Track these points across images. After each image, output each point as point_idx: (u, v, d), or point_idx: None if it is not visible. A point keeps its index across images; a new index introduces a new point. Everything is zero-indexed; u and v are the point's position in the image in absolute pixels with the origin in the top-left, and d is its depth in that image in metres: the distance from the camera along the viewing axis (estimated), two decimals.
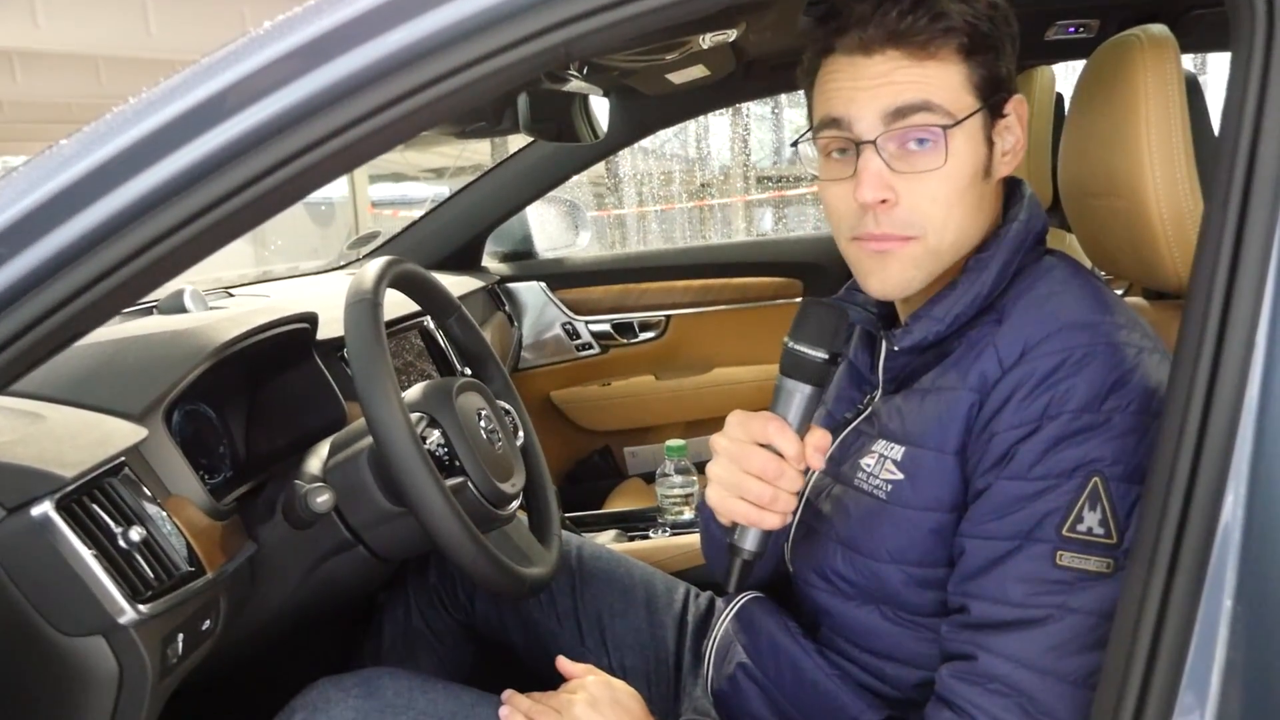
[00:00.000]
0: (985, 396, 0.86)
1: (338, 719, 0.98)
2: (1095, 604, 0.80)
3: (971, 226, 0.92)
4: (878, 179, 0.87)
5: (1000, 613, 0.83)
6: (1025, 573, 0.82)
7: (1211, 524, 0.68)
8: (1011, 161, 0.92)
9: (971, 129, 0.88)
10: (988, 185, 0.91)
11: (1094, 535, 0.80)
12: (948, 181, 0.88)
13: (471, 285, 2.19)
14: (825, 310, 0.88)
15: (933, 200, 0.88)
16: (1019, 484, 0.83)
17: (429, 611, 1.39)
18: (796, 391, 0.87)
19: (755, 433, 0.87)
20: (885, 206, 0.88)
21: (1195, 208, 0.93)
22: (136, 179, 0.76)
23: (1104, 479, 0.80)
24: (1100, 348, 0.83)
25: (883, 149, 0.87)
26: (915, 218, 0.89)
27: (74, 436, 0.92)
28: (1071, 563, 0.80)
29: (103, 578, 0.85)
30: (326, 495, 1.08)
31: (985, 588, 0.84)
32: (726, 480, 0.88)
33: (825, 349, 0.86)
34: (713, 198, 8.54)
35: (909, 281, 0.92)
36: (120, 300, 0.82)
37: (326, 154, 0.75)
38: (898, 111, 0.86)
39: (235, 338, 1.14)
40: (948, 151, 0.86)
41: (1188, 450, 0.70)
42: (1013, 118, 0.91)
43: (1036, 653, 0.81)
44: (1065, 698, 0.80)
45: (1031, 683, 0.81)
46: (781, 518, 0.88)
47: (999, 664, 0.82)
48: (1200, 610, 0.68)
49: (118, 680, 0.88)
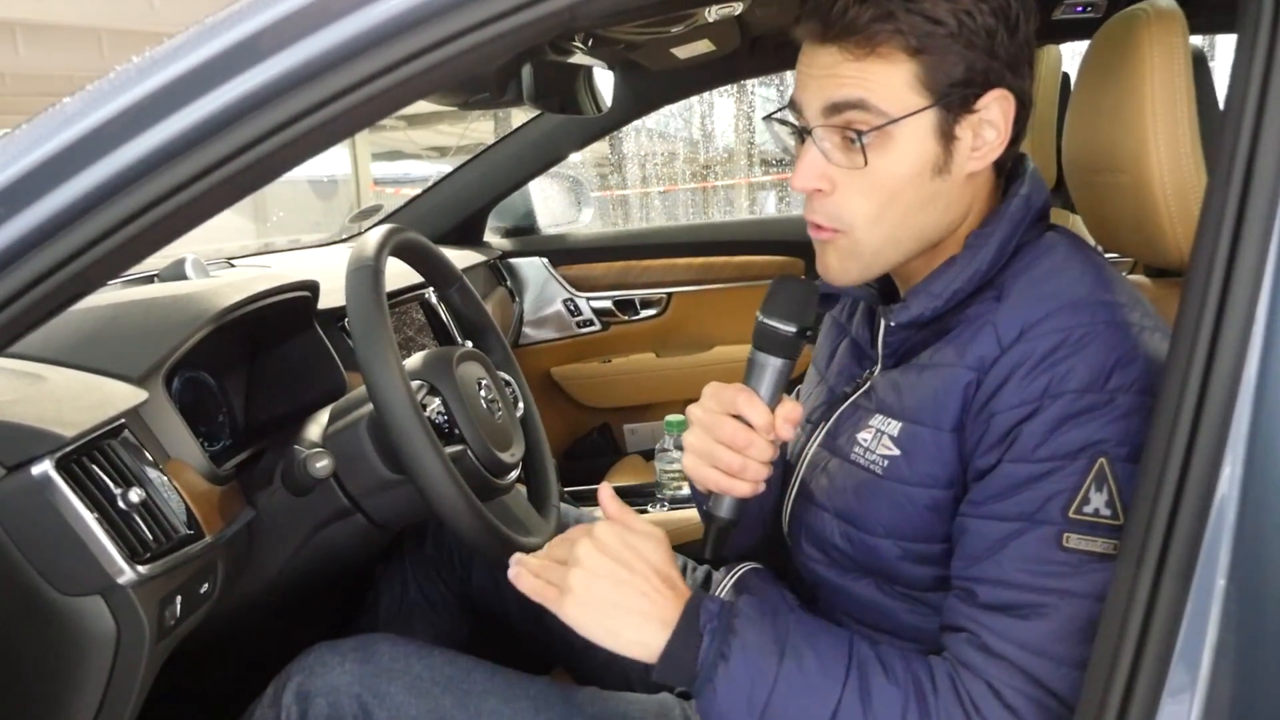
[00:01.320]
0: (984, 375, 0.86)
1: (334, 683, 0.98)
2: (1102, 586, 0.78)
3: (916, 224, 0.90)
4: (810, 168, 0.88)
5: (1006, 596, 0.82)
6: (1031, 555, 0.81)
7: (1206, 502, 0.68)
8: (986, 156, 0.89)
9: (916, 128, 0.86)
10: (943, 182, 0.89)
11: (1100, 517, 0.80)
12: (878, 181, 0.87)
13: (473, 259, 2.18)
14: (795, 285, 0.91)
15: (862, 196, 0.88)
16: (1024, 466, 0.82)
17: (426, 582, 1.40)
18: (768, 365, 0.91)
19: (726, 403, 0.90)
20: (819, 196, 0.89)
21: (1199, 183, 0.93)
22: (138, 139, 0.76)
23: (1110, 460, 0.80)
24: (1100, 327, 0.82)
25: (822, 140, 0.87)
26: (842, 212, 0.89)
27: (74, 398, 0.93)
28: (1078, 545, 0.80)
29: (101, 537, 0.86)
30: (325, 461, 1.08)
31: (990, 571, 0.83)
32: (699, 449, 0.91)
33: (795, 323, 0.89)
34: (716, 179, 8.52)
35: (844, 271, 0.93)
36: (121, 261, 0.82)
37: (331, 115, 0.75)
38: (834, 106, 0.86)
39: (236, 303, 1.14)
40: (870, 152, 0.86)
41: (1184, 426, 0.69)
42: (994, 111, 0.87)
43: (1047, 641, 0.80)
44: (1073, 680, 0.80)
45: (1041, 668, 0.80)
46: (752, 486, 0.91)
47: (1006, 647, 0.81)
48: (1193, 589, 0.68)
49: (115, 640, 0.88)
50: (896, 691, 0.82)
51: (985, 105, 0.87)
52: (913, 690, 0.82)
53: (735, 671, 0.82)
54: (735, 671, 0.82)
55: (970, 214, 0.93)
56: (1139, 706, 0.69)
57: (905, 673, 0.84)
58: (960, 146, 0.88)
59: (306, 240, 2.33)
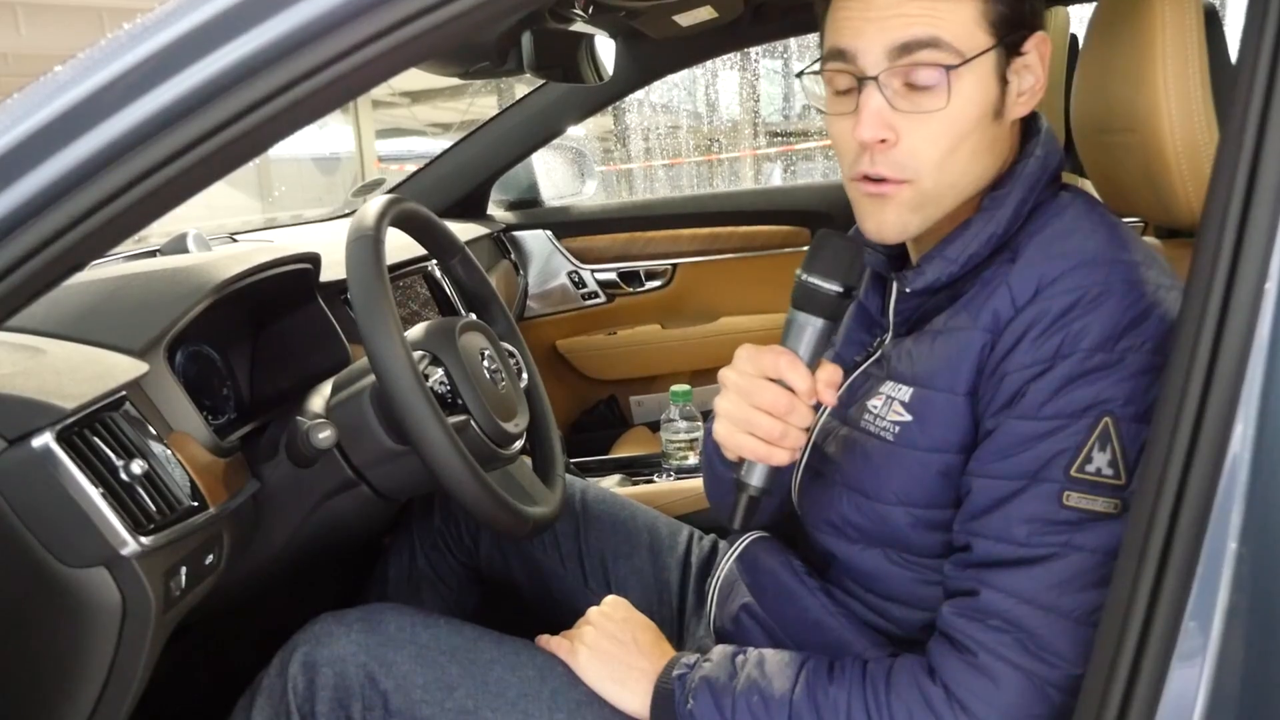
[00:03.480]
0: (998, 336, 0.85)
1: (340, 652, 0.98)
2: (1101, 542, 0.79)
3: (975, 170, 0.89)
4: (877, 117, 0.85)
5: (1004, 550, 0.82)
6: (1031, 512, 0.81)
7: (1218, 464, 0.68)
8: (1029, 102, 0.89)
9: (982, 69, 0.85)
10: (998, 127, 0.88)
11: (1103, 476, 0.79)
12: (951, 124, 0.85)
13: (476, 232, 2.17)
14: (841, 242, 0.87)
15: (932, 143, 0.85)
16: (1029, 424, 0.81)
17: (433, 554, 1.40)
18: (808, 325, 0.86)
19: (765, 367, 0.86)
20: (884, 146, 0.86)
21: (1211, 140, 0.91)
22: (133, 106, 0.75)
23: (1115, 419, 0.79)
24: (1116, 285, 0.81)
25: (885, 86, 0.84)
26: (912, 160, 0.86)
27: (74, 370, 0.92)
28: (1079, 503, 0.79)
29: (104, 509, 0.85)
30: (328, 431, 1.07)
31: (990, 526, 0.83)
32: (735, 415, 0.87)
33: (839, 281, 0.85)
34: (721, 152, 8.47)
35: (905, 226, 0.90)
36: (117, 232, 0.81)
37: (330, 79, 0.74)
38: (904, 47, 0.83)
39: (237, 275, 1.13)
40: (951, 92, 0.83)
41: (1196, 386, 0.69)
42: (1033, 56, 0.87)
43: (1038, 589, 0.80)
44: (1066, 634, 0.80)
45: (1033, 619, 0.80)
46: (790, 454, 0.87)
47: (1000, 600, 0.81)
48: (1204, 552, 0.67)
49: (121, 611, 0.88)
50: (842, 692, 0.87)
51: (1030, 48, 0.87)
52: (859, 686, 0.87)
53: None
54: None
55: (987, 172, 0.91)
56: (1149, 671, 0.69)
57: (857, 673, 0.88)
58: (1011, 91, 0.87)
59: (310, 215, 2.31)
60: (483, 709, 0.97)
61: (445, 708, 0.97)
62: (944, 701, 0.82)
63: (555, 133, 2.27)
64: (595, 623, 1.02)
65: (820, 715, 0.87)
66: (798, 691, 0.89)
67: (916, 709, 0.83)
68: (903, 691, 0.84)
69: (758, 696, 0.90)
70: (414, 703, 0.97)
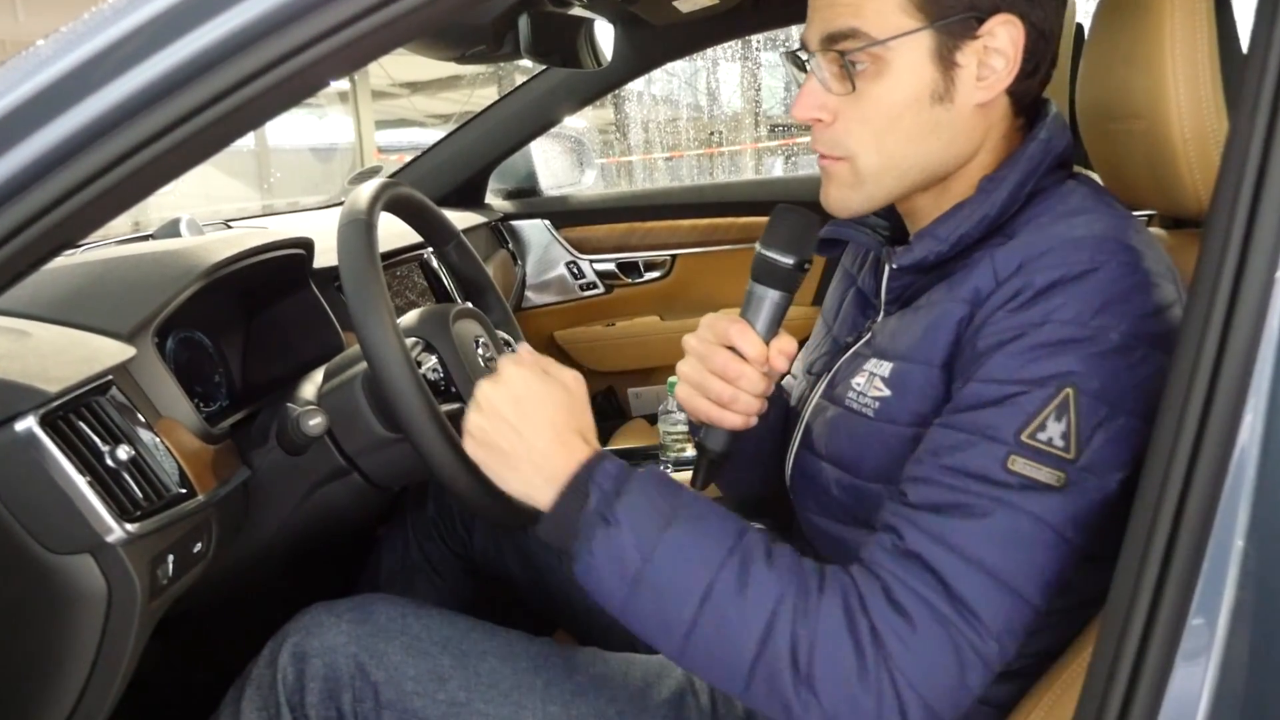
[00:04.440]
0: (976, 308, 0.83)
1: (330, 643, 0.97)
2: (1035, 513, 0.75)
3: (918, 153, 0.88)
4: (808, 98, 0.89)
5: (936, 495, 0.78)
6: (972, 466, 0.77)
7: (1224, 459, 0.66)
8: (994, 86, 0.86)
9: (911, 52, 0.84)
10: (947, 111, 0.86)
11: (1052, 446, 0.76)
12: (878, 105, 0.87)
13: (473, 221, 2.16)
14: (794, 216, 0.91)
15: (862, 123, 0.88)
16: (990, 386, 0.79)
17: (428, 544, 1.39)
18: (765, 297, 0.92)
19: (720, 334, 0.92)
20: (820, 126, 0.90)
21: (1220, 127, 0.89)
22: (119, 81, 0.73)
23: (1076, 391, 0.76)
24: (1104, 266, 0.79)
25: (822, 69, 0.88)
26: (843, 139, 0.89)
27: (59, 353, 0.91)
28: (1023, 469, 0.76)
29: (89, 495, 0.84)
30: (319, 418, 1.06)
31: (925, 470, 0.80)
32: (692, 378, 0.94)
33: (794, 255, 0.90)
34: (723, 145, 8.44)
35: (845, 201, 0.92)
36: (102, 210, 0.79)
37: (322, 54, 0.72)
38: (829, 37, 0.86)
39: (226, 259, 1.12)
40: (867, 75, 0.85)
41: (1203, 378, 0.67)
42: (1000, 38, 0.84)
43: (964, 539, 0.75)
44: (985, 591, 0.75)
45: (952, 567, 0.75)
46: (743, 419, 0.93)
47: (924, 542, 0.76)
48: (1209, 548, 0.66)
49: (106, 599, 0.87)
50: (775, 581, 0.77)
51: (990, 31, 0.85)
52: (795, 583, 0.77)
53: (615, 536, 0.78)
54: (615, 536, 0.78)
55: (982, 152, 0.90)
56: (1151, 670, 0.67)
57: (792, 567, 0.79)
58: (963, 74, 0.86)
59: (306, 202, 2.30)
60: (475, 700, 0.96)
61: (437, 699, 0.96)
62: (867, 632, 0.75)
63: (553, 121, 2.25)
64: (483, 405, 0.85)
65: (745, 594, 0.76)
66: (729, 563, 0.78)
67: (839, 627, 0.76)
68: (833, 603, 0.77)
69: (681, 546, 0.78)
70: (405, 694, 0.96)
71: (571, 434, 0.84)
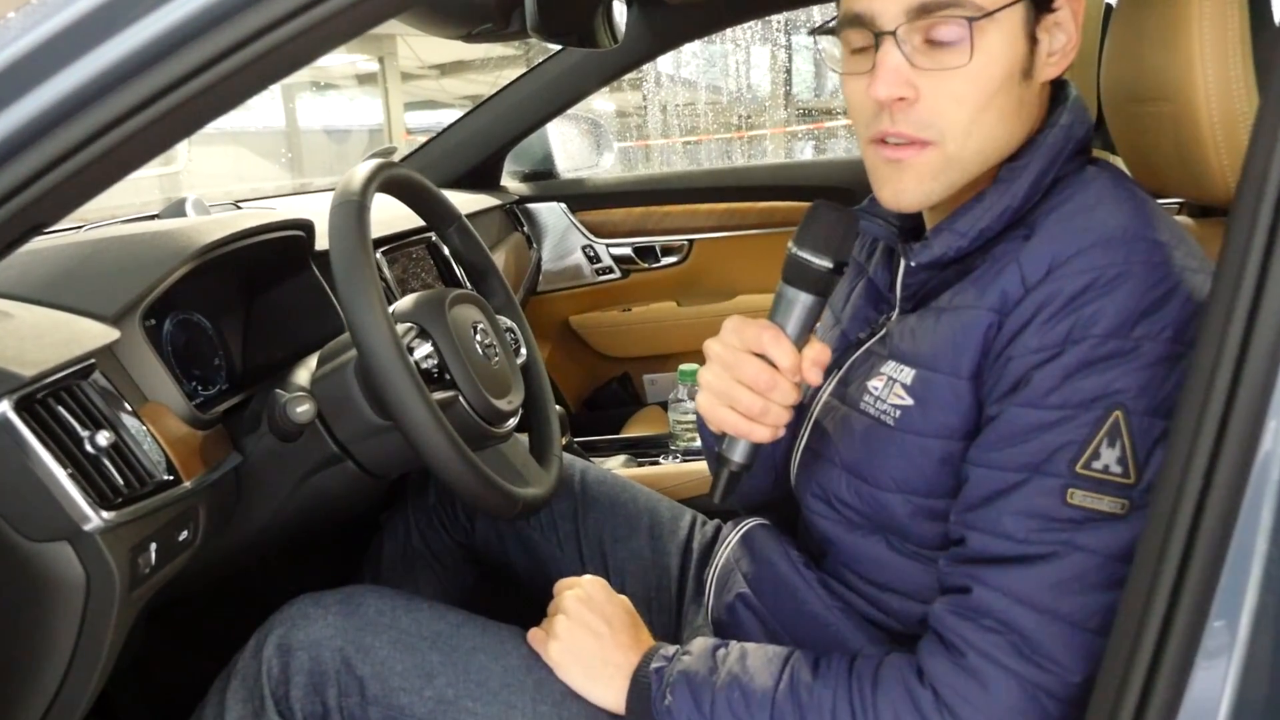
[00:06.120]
0: (1005, 317, 0.79)
1: (315, 635, 0.95)
2: (1104, 544, 0.74)
3: (1002, 134, 0.84)
4: (895, 74, 0.80)
5: (1000, 546, 0.77)
6: (1031, 508, 0.76)
7: (1247, 460, 0.62)
8: (1060, 63, 0.84)
9: (1008, 24, 0.80)
10: (1027, 89, 0.83)
11: (1110, 474, 0.74)
12: (974, 81, 0.80)
13: (487, 203, 2.13)
14: (834, 215, 0.83)
15: (957, 101, 0.81)
16: (1033, 412, 0.76)
17: (429, 532, 1.36)
18: (797, 300, 0.83)
19: (750, 340, 0.83)
20: (903, 105, 0.82)
21: (1249, 111, 0.85)
22: (92, 54, 0.71)
23: (1126, 413, 0.73)
24: (1136, 267, 0.76)
25: (904, 42, 0.80)
26: (935, 119, 0.82)
27: (39, 336, 0.88)
28: (1083, 501, 0.74)
29: (65, 482, 0.82)
30: (307, 405, 1.03)
31: (986, 519, 0.78)
32: (717, 388, 0.85)
33: (830, 257, 0.82)
34: (751, 129, 8.35)
35: (927, 194, 0.85)
36: (76, 191, 0.77)
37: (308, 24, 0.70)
38: (922, 8, 0.79)
39: (217, 240, 1.09)
40: (974, 47, 0.79)
41: (1224, 376, 0.63)
42: (1065, 13, 0.82)
43: (1035, 589, 0.75)
44: (1063, 639, 0.75)
45: (1027, 620, 0.75)
46: (772, 431, 0.84)
47: (994, 598, 0.76)
48: (1231, 550, 0.63)
49: (85, 588, 0.85)
50: (826, 689, 0.82)
51: (1061, 4, 0.82)
52: (845, 683, 0.82)
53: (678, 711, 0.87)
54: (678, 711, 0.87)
55: (1014, 137, 0.86)
56: (1168, 672, 0.64)
57: (841, 670, 0.83)
58: (1040, 50, 0.83)
59: (318, 184, 2.28)
60: (463, 698, 0.93)
61: (424, 696, 0.93)
62: (932, 705, 0.78)
63: (570, 102, 2.21)
64: (569, 610, 0.95)
65: (803, 714, 0.83)
66: (781, 688, 0.85)
67: (903, 710, 0.79)
68: (890, 691, 0.80)
69: (739, 692, 0.86)
70: (391, 690, 0.93)
71: (639, 631, 0.98)
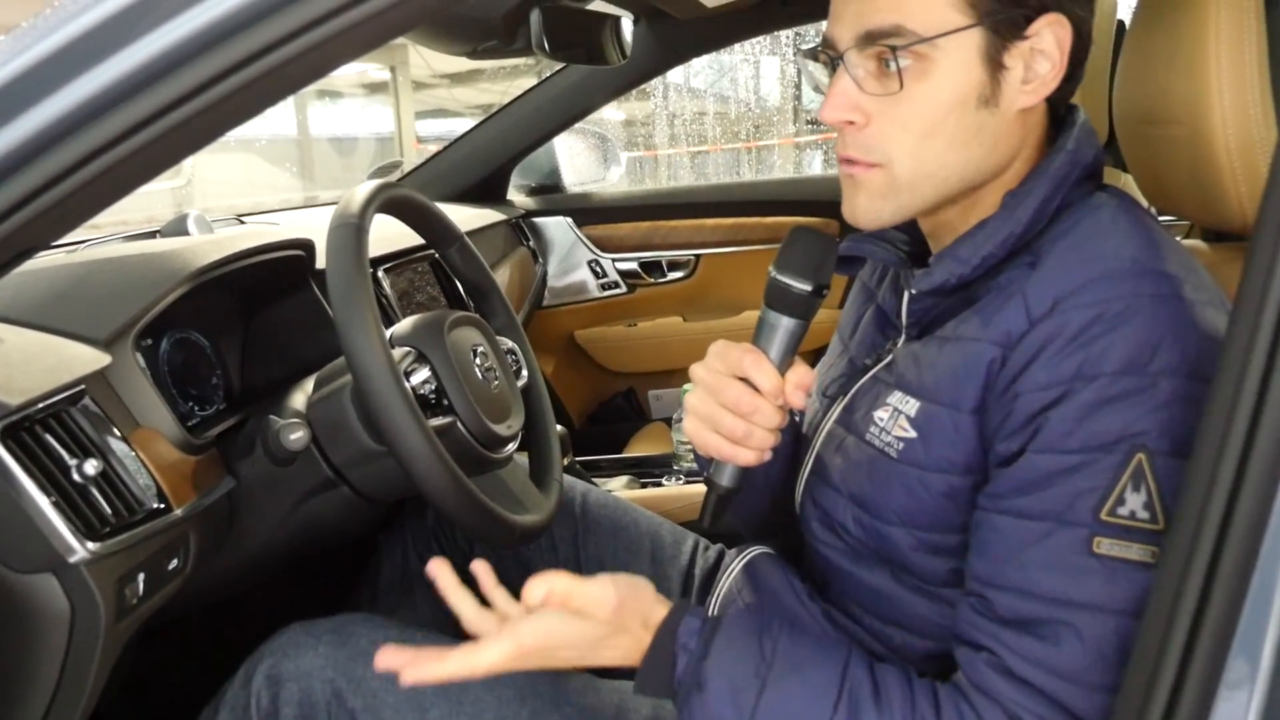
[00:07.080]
0: (1009, 351, 0.77)
1: (306, 666, 0.93)
2: (1136, 601, 0.71)
3: (957, 160, 0.82)
4: (841, 98, 0.82)
5: (1028, 609, 0.74)
6: (1057, 561, 0.73)
7: (1268, 496, 0.60)
8: (1039, 90, 0.81)
9: (959, 51, 0.78)
10: (992, 116, 0.81)
11: (1137, 520, 0.71)
12: (921, 107, 0.80)
13: (492, 218, 2.11)
14: (812, 238, 0.83)
15: (902, 126, 0.81)
16: (1051, 457, 0.73)
17: (426, 555, 1.34)
18: (779, 324, 0.84)
19: (733, 364, 0.84)
20: (853, 129, 0.83)
21: (1268, 135, 0.82)
22: (81, 79, 0.69)
23: (1149, 455, 0.71)
24: (1145, 300, 0.73)
25: (856, 66, 0.81)
26: (880, 143, 0.82)
27: (28, 362, 0.87)
28: (1110, 550, 0.71)
29: (49, 513, 0.80)
30: (300, 432, 1.02)
31: (1010, 576, 0.75)
32: (701, 411, 0.85)
33: (810, 280, 0.82)
34: (761, 139, 8.34)
35: (876, 213, 0.85)
36: (70, 215, 0.76)
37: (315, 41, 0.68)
38: (867, 36, 0.79)
39: (213, 262, 1.07)
40: (910, 74, 0.79)
41: (1244, 410, 0.61)
42: (1047, 40, 0.79)
43: (1073, 665, 0.72)
44: (1098, 699, 0.72)
45: (1062, 690, 0.73)
46: (757, 454, 0.85)
47: (1026, 668, 0.74)
48: (1254, 581, 0.61)
49: (70, 620, 0.83)
50: None
51: (1038, 31, 0.79)
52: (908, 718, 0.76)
53: (710, 702, 0.79)
54: (710, 702, 0.79)
55: (1017, 162, 0.84)
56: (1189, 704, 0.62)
57: (903, 700, 0.77)
58: (1010, 77, 0.80)
59: (324, 197, 2.27)
60: None
61: None
62: None
63: (577, 116, 2.20)
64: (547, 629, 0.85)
65: None
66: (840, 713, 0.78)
67: None
68: None
69: (781, 712, 0.78)
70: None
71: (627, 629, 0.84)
